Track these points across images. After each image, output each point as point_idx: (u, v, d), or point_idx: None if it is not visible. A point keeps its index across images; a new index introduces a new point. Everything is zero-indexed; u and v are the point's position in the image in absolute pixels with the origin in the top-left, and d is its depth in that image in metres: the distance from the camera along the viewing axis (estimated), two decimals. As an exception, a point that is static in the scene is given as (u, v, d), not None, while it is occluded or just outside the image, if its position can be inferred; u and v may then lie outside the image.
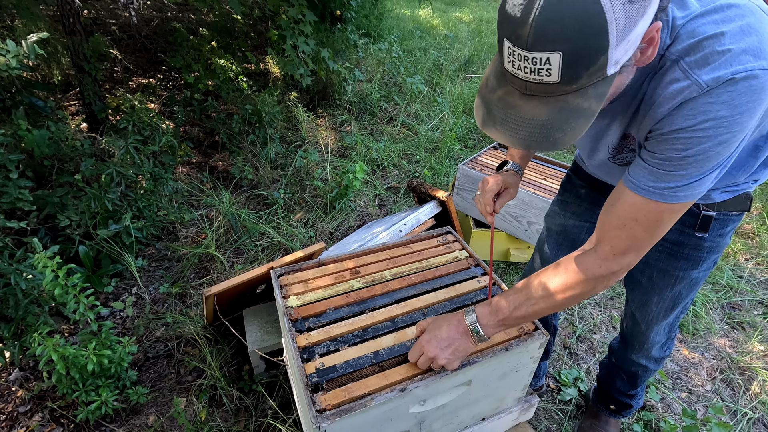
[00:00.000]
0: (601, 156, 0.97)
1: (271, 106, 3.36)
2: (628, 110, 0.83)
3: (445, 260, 1.33)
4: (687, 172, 0.73)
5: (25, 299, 1.63)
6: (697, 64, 0.69)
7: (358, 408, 0.88)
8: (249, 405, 1.65)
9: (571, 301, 0.87)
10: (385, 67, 4.69)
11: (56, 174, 2.36)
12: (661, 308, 1.21)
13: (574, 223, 1.32)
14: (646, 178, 0.77)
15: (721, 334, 2.15)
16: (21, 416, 1.59)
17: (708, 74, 0.67)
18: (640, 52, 0.67)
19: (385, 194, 3.08)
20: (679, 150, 0.72)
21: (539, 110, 0.66)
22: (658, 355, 1.35)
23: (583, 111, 0.64)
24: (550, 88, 0.64)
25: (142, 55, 4.36)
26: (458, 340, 0.94)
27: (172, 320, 1.97)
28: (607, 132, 0.91)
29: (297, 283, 1.21)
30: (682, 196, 0.75)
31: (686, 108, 0.70)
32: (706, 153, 0.70)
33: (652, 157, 0.76)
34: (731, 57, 0.66)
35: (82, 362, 1.49)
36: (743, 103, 0.66)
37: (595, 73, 0.62)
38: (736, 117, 0.67)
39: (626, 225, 0.79)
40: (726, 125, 0.67)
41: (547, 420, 1.70)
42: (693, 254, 1.09)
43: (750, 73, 0.65)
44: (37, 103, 2.50)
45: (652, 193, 0.76)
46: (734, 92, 0.66)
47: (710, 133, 0.69)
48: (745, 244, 2.77)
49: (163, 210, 2.53)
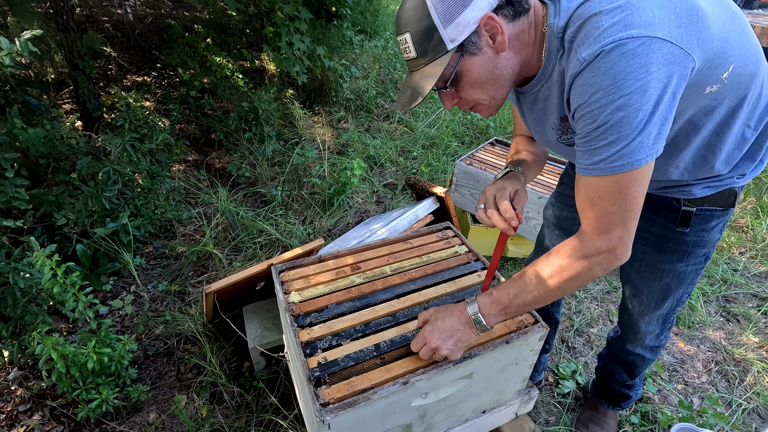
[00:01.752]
0: (551, 138, 1.01)
1: (268, 104, 3.35)
2: (555, 92, 0.90)
3: (445, 255, 1.34)
4: (608, 141, 0.76)
5: (24, 298, 1.63)
6: (580, 42, 0.76)
7: (362, 401, 0.89)
8: (250, 401, 1.65)
9: (567, 284, 0.87)
10: (381, 64, 4.68)
11: (52, 173, 2.34)
12: (651, 300, 1.24)
13: (568, 214, 1.34)
14: (582, 158, 0.82)
15: (716, 326, 2.18)
16: (21, 415, 1.59)
17: (585, 50, 0.74)
18: (491, 38, 0.82)
19: (383, 191, 3.09)
20: (589, 123, 0.78)
21: (412, 80, 0.89)
22: (653, 344, 1.37)
23: (431, 74, 0.84)
24: (416, 63, 0.87)
25: (137, 53, 4.33)
26: (461, 331, 0.95)
27: (171, 318, 1.97)
28: (545, 116, 0.97)
29: (298, 279, 1.22)
30: (620, 165, 0.77)
31: (578, 85, 0.78)
32: (611, 120, 0.74)
33: (578, 138, 0.82)
34: (603, 31, 0.73)
35: (81, 360, 1.49)
36: (621, 69, 0.71)
37: (437, 47, 0.82)
38: (620, 83, 0.71)
39: (594, 204, 0.83)
40: (614, 91, 0.72)
41: (546, 413, 1.72)
42: (677, 248, 1.12)
43: (618, 43, 0.71)
44: (31, 101, 2.48)
45: (594, 170, 0.80)
46: (609, 62, 0.72)
47: (603, 101, 0.74)
48: (739, 237, 2.80)
49: (161, 208, 2.52)
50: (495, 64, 0.86)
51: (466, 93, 0.90)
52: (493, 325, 0.95)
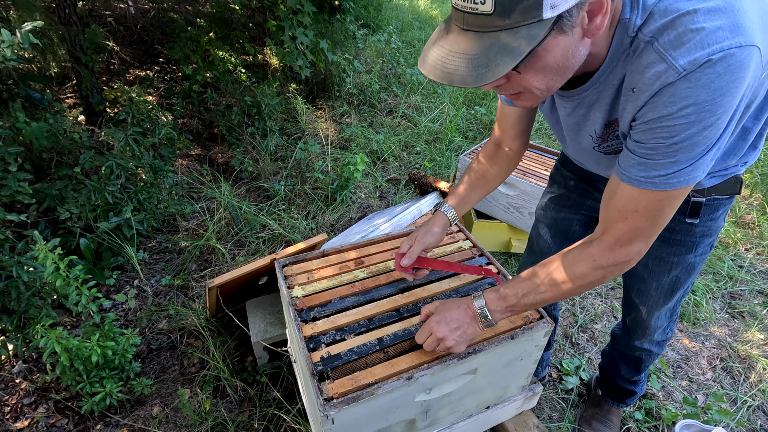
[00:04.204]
0: (586, 146, 0.96)
1: (271, 98, 3.34)
2: (606, 97, 0.82)
3: (450, 250, 1.33)
4: (676, 159, 0.72)
5: (28, 292, 1.63)
6: (671, 45, 0.66)
7: (365, 396, 0.89)
8: (253, 396, 1.65)
9: (579, 290, 0.87)
10: (385, 59, 4.65)
11: (55, 167, 2.34)
12: (660, 294, 1.22)
13: (565, 215, 1.32)
14: (636, 169, 0.76)
15: (722, 323, 2.16)
16: (26, 408, 1.59)
17: (684, 57, 0.65)
18: (587, 16, 0.66)
19: (386, 186, 3.08)
20: (665, 138, 0.71)
21: (471, 44, 0.66)
22: (660, 338, 1.36)
23: (512, 49, 0.63)
24: (485, 21, 0.63)
25: (139, 47, 4.32)
26: (467, 324, 0.94)
27: (174, 312, 1.97)
28: (586, 121, 0.90)
29: (301, 273, 1.21)
30: (676, 182, 0.74)
31: (666, 94, 0.68)
32: (692, 138, 0.69)
33: (640, 147, 0.75)
34: (706, 36, 0.63)
35: (85, 354, 1.49)
36: (723, 84, 0.64)
37: (530, 10, 0.61)
38: (718, 99, 0.65)
39: (627, 217, 0.79)
40: (709, 109, 0.66)
41: (550, 409, 1.72)
42: (686, 239, 1.10)
43: (727, 53, 0.62)
44: (34, 95, 2.48)
45: (645, 183, 0.76)
46: (713, 74, 0.63)
47: (693, 118, 0.67)
48: (746, 233, 2.78)
49: (164, 202, 2.52)
50: (574, 50, 0.70)
51: (525, 76, 0.72)
52: (498, 321, 0.95)
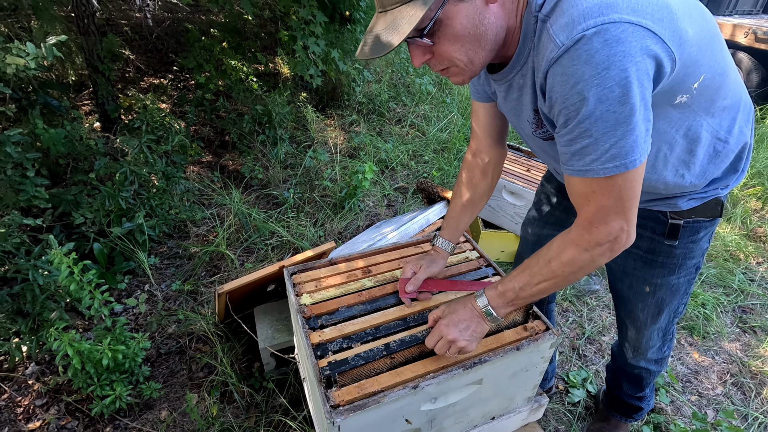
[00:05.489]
0: (527, 132, 0.95)
1: (281, 107, 3.39)
2: (529, 81, 0.83)
3: (456, 260, 1.34)
4: (594, 139, 0.71)
5: (42, 295, 1.67)
6: (557, 24, 0.69)
7: (371, 404, 0.89)
8: (259, 401, 1.67)
9: (571, 276, 0.86)
10: (394, 68, 4.70)
11: (71, 173, 2.40)
12: (647, 315, 1.22)
13: (549, 232, 1.32)
14: (573, 160, 0.77)
15: (732, 337, 2.14)
16: (38, 409, 1.62)
17: (563, 33, 0.67)
18: None
19: (394, 194, 3.10)
20: (573, 119, 0.72)
21: (382, 23, 0.76)
22: (656, 356, 1.35)
23: (410, 16, 0.71)
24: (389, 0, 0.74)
25: (154, 56, 4.41)
26: (475, 322, 0.96)
27: (183, 317, 2.00)
28: (520, 106, 0.91)
29: (309, 281, 1.23)
30: (613, 167, 0.72)
31: (557, 74, 0.70)
32: (595, 114, 0.69)
33: (562, 137, 0.77)
34: (582, 12, 0.65)
35: (97, 357, 1.52)
36: (604, 59, 0.65)
37: None
38: (603, 73, 0.65)
39: (589, 199, 0.79)
40: (597, 83, 0.66)
41: (556, 421, 1.70)
42: (667, 261, 1.10)
43: (601, 28, 0.64)
44: (52, 102, 2.55)
45: (586, 171, 0.75)
46: (591, 49, 0.65)
47: (586, 94, 0.67)
48: (757, 247, 2.75)
49: (175, 208, 2.56)
50: (481, 18, 0.75)
51: (442, 47, 0.78)
52: (503, 316, 0.96)
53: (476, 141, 1.18)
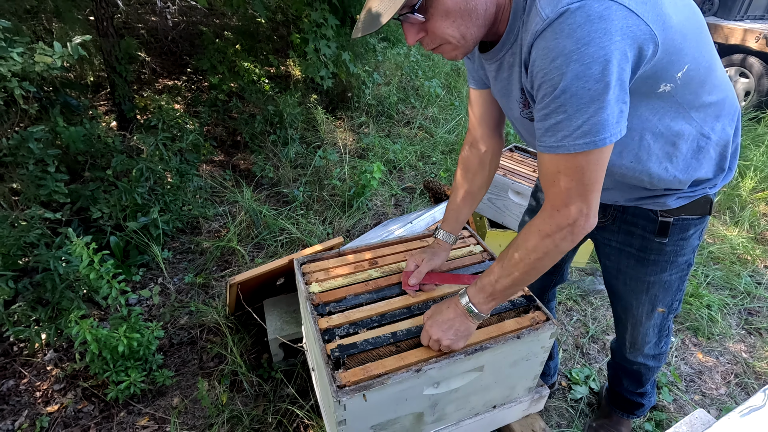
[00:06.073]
0: (515, 113, 0.97)
1: (292, 108, 3.46)
2: (517, 62, 0.84)
3: (460, 254, 1.38)
4: (568, 113, 0.73)
5: (62, 284, 1.74)
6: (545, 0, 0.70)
7: (376, 385, 0.94)
8: (268, 391, 1.72)
9: (539, 263, 0.88)
10: (403, 71, 4.76)
11: (89, 169, 2.48)
12: (642, 312, 1.24)
13: None
14: (546, 136, 0.78)
15: (737, 339, 2.14)
16: (55, 393, 1.69)
17: (548, 6, 0.69)
18: None
19: (401, 194, 3.14)
20: (550, 93, 0.73)
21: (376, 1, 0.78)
22: (653, 352, 1.36)
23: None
24: None
25: (168, 58, 4.52)
26: (458, 321, 0.99)
27: (195, 309, 2.05)
28: (510, 87, 0.92)
29: (318, 271, 1.28)
30: (583, 144, 0.74)
31: (540, 47, 0.71)
32: (571, 89, 0.70)
33: (538, 111, 0.78)
34: None
35: (113, 344, 1.58)
36: (586, 34, 0.66)
37: None
38: (583, 49, 0.66)
39: (555, 180, 0.81)
40: (576, 59, 0.67)
41: (558, 416, 1.73)
42: (659, 259, 1.12)
43: (584, 3, 0.65)
44: (72, 102, 2.64)
45: (557, 148, 0.77)
46: (574, 24, 0.66)
47: (564, 69, 0.69)
48: (765, 250, 2.74)
49: (188, 205, 2.63)
50: None
51: (434, 24, 0.79)
52: (486, 312, 0.99)
53: (473, 131, 1.20)
